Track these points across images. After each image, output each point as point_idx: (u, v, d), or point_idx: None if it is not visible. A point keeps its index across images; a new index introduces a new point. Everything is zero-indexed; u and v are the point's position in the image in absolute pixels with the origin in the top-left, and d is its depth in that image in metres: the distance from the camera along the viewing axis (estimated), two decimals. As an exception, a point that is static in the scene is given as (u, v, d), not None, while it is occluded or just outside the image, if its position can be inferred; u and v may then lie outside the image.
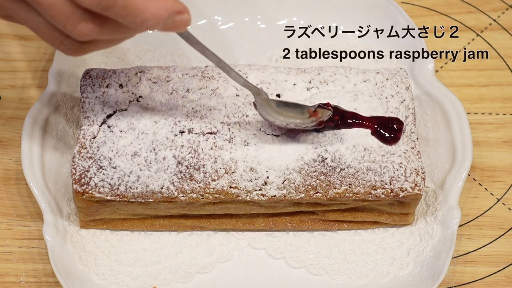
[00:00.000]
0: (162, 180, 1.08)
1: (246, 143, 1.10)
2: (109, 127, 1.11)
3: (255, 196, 1.09)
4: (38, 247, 1.13)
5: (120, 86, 1.14)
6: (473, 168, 1.20)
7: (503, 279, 1.13)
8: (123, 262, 1.11)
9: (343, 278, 1.11)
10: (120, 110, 1.12)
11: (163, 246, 1.13)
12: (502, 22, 1.37)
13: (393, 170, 1.09)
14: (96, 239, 1.13)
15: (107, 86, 1.14)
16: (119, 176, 1.08)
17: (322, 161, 1.09)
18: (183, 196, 1.09)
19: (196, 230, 1.14)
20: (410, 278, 1.10)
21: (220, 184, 1.09)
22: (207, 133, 1.10)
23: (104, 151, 1.09)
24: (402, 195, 1.09)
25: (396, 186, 1.09)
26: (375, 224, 1.15)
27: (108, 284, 1.09)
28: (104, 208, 1.10)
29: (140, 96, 1.14)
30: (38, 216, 1.14)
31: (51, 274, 1.08)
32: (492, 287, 1.12)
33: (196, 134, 1.10)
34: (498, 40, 1.35)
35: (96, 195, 1.07)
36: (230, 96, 1.14)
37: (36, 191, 1.11)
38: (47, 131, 1.18)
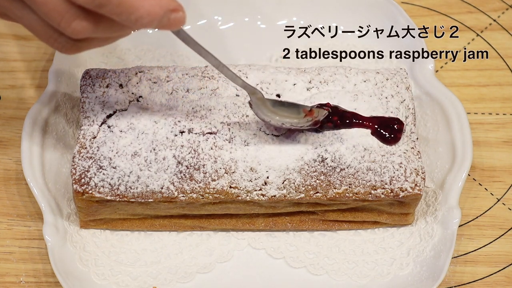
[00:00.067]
0: (162, 180, 1.08)
1: (246, 143, 1.10)
2: (109, 127, 1.11)
3: (255, 196, 1.09)
4: (38, 247, 1.13)
5: (120, 86, 1.14)
6: (473, 168, 1.20)
7: (503, 279, 1.13)
8: (123, 262, 1.11)
9: (343, 278, 1.11)
10: (120, 110, 1.12)
11: (163, 246, 1.13)
12: (502, 22, 1.37)
13: (393, 170, 1.09)
14: (96, 239, 1.13)
15: (107, 86, 1.14)
16: (119, 176, 1.08)
17: (322, 161, 1.09)
18: (183, 196, 1.08)
19: (196, 230, 1.14)
20: (410, 278, 1.10)
21: (220, 184, 1.08)
22: (207, 133, 1.10)
23: (104, 151, 1.09)
24: (402, 195, 1.09)
25: (396, 186, 1.09)
26: (375, 224, 1.15)
27: (108, 284, 1.09)
28: (104, 208, 1.10)
29: (140, 96, 1.14)
30: (38, 216, 1.14)
31: (51, 274, 1.08)
32: (492, 287, 1.12)
33: (196, 134, 1.10)
34: (498, 40, 1.35)
35: (96, 195, 1.07)
36: (230, 96, 1.13)
37: (36, 191, 1.11)
38: (47, 131, 1.18)
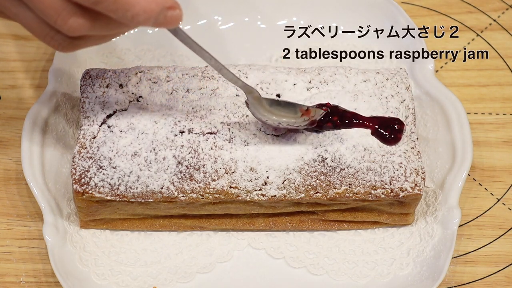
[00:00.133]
0: (162, 180, 1.08)
1: (246, 143, 1.10)
2: (109, 127, 1.11)
3: (255, 196, 1.09)
4: (38, 247, 1.12)
5: (120, 86, 1.14)
6: (473, 168, 1.20)
7: (503, 279, 1.12)
8: (123, 262, 1.11)
9: (343, 278, 1.11)
10: (120, 110, 1.12)
11: (163, 246, 1.13)
12: (502, 22, 1.37)
13: (393, 170, 1.09)
14: (96, 239, 1.13)
15: (107, 86, 1.14)
16: (119, 176, 1.08)
17: (322, 161, 1.09)
18: (183, 196, 1.08)
19: (196, 230, 1.14)
20: (410, 278, 1.10)
21: (220, 184, 1.08)
22: (207, 133, 1.10)
23: (104, 151, 1.09)
24: (402, 195, 1.09)
25: (396, 186, 1.09)
26: (375, 224, 1.15)
27: (108, 284, 1.09)
28: (104, 208, 1.10)
29: (140, 96, 1.14)
30: (38, 216, 1.14)
31: (51, 274, 1.08)
32: (492, 287, 1.12)
33: (196, 134, 1.10)
34: (498, 40, 1.35)
35: (96, 195, 1.07)
36: (230, 96, 1.13)
37: (36, 191, 1.11)
38: (47, 131, 1.18)
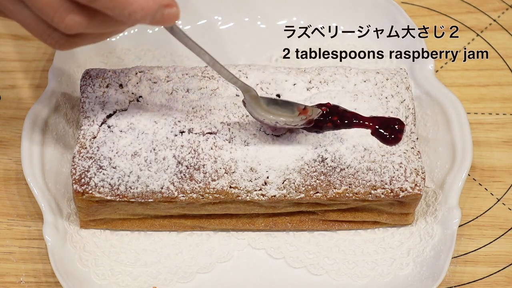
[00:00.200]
0: (162, 180, 1.08)
1: (246, 143, 1.10)
2: (109, 127, 1.11)
3: (255, 196, 1.09)
4: (38, 247, 1.12)
5: (120, 86, 1.14)
6: (473, 168, 1.20)
7: (503, 279, 1.12)
8: (123, 262, 1.11)
9: (343, 278, 1.11)
10: (120, 110, 1.12)
11: (163, 246, 1.13)
12: (502, 22, 1.37)
13: (393, 170, 1.09)
14: (96, 239, 1.13)
15: (107, 86, 1.14)
16: (119, 176, 1.08)
17: (322, 161, 1.09)
18: (183, 196, 1.08)
19: (196, 230, 1.14)
20: (410, 278, 1.10)
21: (220, 184, 1.08)
22: (207, 133, 1.10)
23: (104, 151, 1.09)
24: (402, 195, 1.09)
25: (396, 186, 1.09)
26: (375, 224, 1.15)
27: (108, 284, 1.09)
28: (104, 208, 1.10)
29: (140, 96, 1.14)
30: (38, 216, 1.14)
31: (51, 274, 1.08)
32: (492, 287, 1.12)
33: (196, 134, 1.10)
34: (498, 40, 1.35)
35: (96, 195, 1.07)
36: (230, 96, 1.13)
37: (36, 191, 1.11)
38: (47, 131, 1.18)
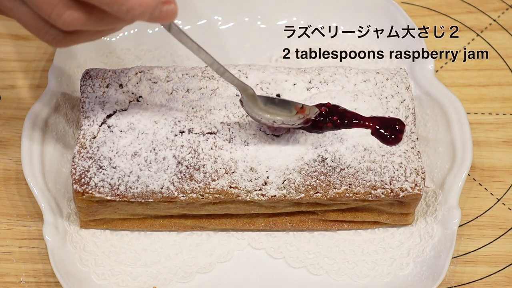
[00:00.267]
0: (162, 180, 1.08)
1: (246, 143, 1.10)
2: (109, 127, 1.11)
3: (255, 196, 1.09)
4: (38, 247, 1.12)
5: (120, 86, 1.14)
6: (473, 168, 1.20)
7: (503, 279, 1.12)
8: (123, 262, 1.11)
9: (343, 278, 1.11)
10: (120, 110, 1.12)
11: (163, 246, 1.13)
12: (502, 22, 1.37)
13: (393, 170, 1.09)
14: (96, 239, 1.13)
15: (107, 86, 1.14)
16: (119, 176, 1.08)
17: (322, 161, 1.09)
18: (183, 196, 1.08)
19: (196, 230, 1.14)
20: (410, 278, 1.10)
21: (220, 184, 1.08)
22: (207, 133, 1.10)
23: (104, 151, 1.09)
24: (402, 195, 1.09)
25: (396, 186, 1.09)
26: (375, 224, 1.15)
27: (108, 284, 1.09)
28: (104, 208, 1.10)
29: (140, 96, 1.14)
30: (38, 216, 1.14)
31: (51, 274, 1.08)
32: (492, 287, 1.12)
33: (196, 134, 1.10)
34: (498, 40, 1.35)
35: (96, 195, 1.07)
36: (230, 96, 1.13)
37: (36, 191, 1.11)
38: (47, 131, 1.18)
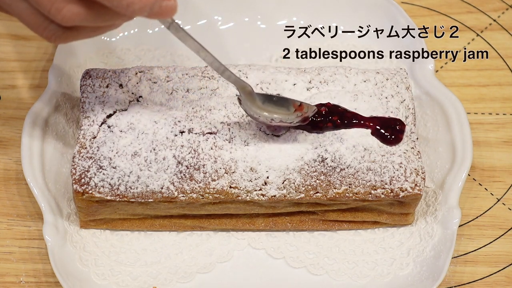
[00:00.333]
0: (162, 180, 1.08)
1: (246, 143, 1.10)
2: (109, 127, 1.11)
3: (255, 196, 1.09)
4: (38, 247, 1.12)
5: (120, 86, 1.14)
6: (473, 168, 1.20)
7: (503, 279, 1.12)
8: (123, 262, 1.11)
9: (343, 278, 1.11)
10: (120, 110, 1.12)
11: (163, 246, 1.13)
12: (502, 22, 1.37)
13: (393, 170, 1.09)
14: (96, 239, 1.13)
15: (107, 86, 1.14)
16: (119, 176, 1.08)
17: (322, 161, 1.09)
18: (183, 196, 1.08)
19: (196, 230, 1.14)
20: (410, 278, 1.10)
21: (220, 184, 1.08)
22: (207, 133, 1.10)
23: (104, 151, 1.09)
24: (402, 195, 1.09)
25: (396, 186, 1.09)
26: (375, 224, 1.15)
27: (108, 284, 1.09)
28: (104, 208, 1.10)
29: (140, 96, 1.14)
30: (38, 216, 1.14)
31: (51, 274, 1.08)
32: (492, 287, 1.12)
33: (196, 134, 1.10)
34: (498, 40, 1.35)
35: (96, 195, 1.07)
36: (230, 96, 1.13)
37: (36, 191, 1.11)
38: (47, 131, 1.18)
